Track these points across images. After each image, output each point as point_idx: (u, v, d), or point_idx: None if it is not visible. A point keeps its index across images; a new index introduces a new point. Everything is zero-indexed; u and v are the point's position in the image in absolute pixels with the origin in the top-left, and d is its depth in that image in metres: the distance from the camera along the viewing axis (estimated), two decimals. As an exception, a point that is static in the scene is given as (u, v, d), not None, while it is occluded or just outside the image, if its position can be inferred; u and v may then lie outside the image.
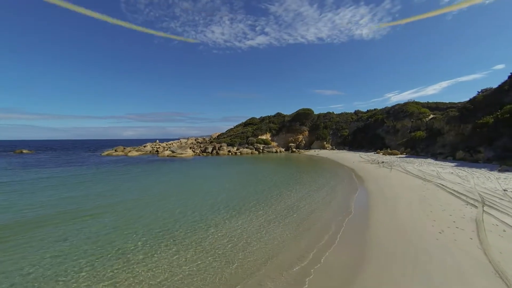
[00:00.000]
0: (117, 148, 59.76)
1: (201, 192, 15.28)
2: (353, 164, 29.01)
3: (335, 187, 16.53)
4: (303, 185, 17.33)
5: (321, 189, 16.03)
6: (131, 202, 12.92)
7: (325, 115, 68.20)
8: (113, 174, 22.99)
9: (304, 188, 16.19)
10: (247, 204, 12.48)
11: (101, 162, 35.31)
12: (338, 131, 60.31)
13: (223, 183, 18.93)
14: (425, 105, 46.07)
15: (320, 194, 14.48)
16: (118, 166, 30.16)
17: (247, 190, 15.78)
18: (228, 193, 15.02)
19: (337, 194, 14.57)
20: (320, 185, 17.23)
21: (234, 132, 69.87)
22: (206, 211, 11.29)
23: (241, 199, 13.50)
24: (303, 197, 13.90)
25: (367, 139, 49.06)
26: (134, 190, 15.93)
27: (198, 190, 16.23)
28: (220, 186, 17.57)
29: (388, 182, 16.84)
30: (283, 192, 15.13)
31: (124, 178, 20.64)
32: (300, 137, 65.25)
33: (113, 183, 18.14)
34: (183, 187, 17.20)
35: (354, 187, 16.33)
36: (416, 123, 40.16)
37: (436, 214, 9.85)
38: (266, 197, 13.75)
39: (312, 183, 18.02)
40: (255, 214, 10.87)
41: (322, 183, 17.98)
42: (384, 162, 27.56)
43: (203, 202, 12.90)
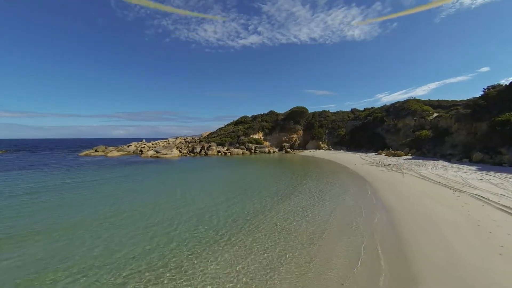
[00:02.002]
0: (97, 148, 55.19)
1: (173, 214, 11.51)
2: (355, 167, 25.75)
3: (347, 203, 13.06)
4: (307, 201, 13.80)
5: (333, 208, 12.52)
6: (58, 231, 9.02)
7: (320, 113, 65.13)
8: (74, 179, 18.88)
9: (313, 210, 12.63)
10: (234, 236, 8.82)
11: (71, 164, 30.90)
12: (334, 130, 57.29)
13: (203, 196, 15.20)
14: (427, 102, 43.49)
15: (337, 217, 10.97)
16: (87, 170, 25.95)
17: (231, 210, 12.09)
18: (203, 217, 11.31)
19: (353, 215, 11.07)
20: (329, 199, 13.73)
21: (224, 131, 66.01)
22: (174, 248, 7.56)
23: (225, 227, 9.84)
24: (313, 222, 10.35)
25: (366, 138, 46.11)
26: (74, 209, 12.01)
27: (170, 209, 12.45)
28: (198, 200, 13.82)
29: (408, 192, 13.50)
30: (283, 215, 11.54)
31: (80, 188, 16.60)
32: (294, 136, 61.98)
33: (59, 197, 14.13)
34: (149, 205, 13.34)
35: (369, 202, 12.89)
36: (419, 121, 37.37)
37: (509, 247, 6.49)
38: (257, 228, 9.54)
39: (318, 198, 14.50)
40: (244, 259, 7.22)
41: (331, 195, 14.50)
42: (391, 165, 24.40)
43: (172, 234, 9.15)
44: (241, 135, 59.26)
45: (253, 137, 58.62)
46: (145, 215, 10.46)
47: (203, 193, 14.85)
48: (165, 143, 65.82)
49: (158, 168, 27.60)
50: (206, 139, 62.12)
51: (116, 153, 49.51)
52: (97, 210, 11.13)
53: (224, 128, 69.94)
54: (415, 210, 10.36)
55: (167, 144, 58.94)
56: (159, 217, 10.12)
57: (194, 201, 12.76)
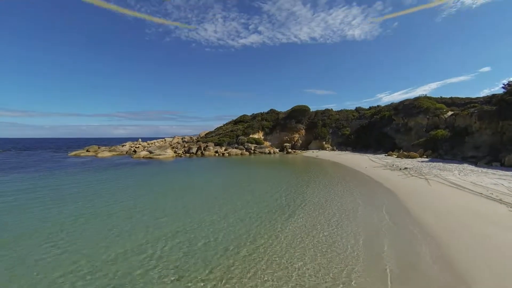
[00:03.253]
0: (89, 148, 52.64)
1: (146, 238, 8.68)
2: (367, 170, 22.89)
3: (374, 224, 10.20)
4: (321, 222, 10.97)
5: (354, 234, 9.66)
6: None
7: (323, 112, 62.19)
8: (37, 189, 16.06)
9: (331, 238, 9.76)
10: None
11: (52, 167, 28.08)
12: (338, 129, 54.37)
13: (194, 209, 12.36)
14: (439, 100, 40.55)
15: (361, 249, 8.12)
16: (64, 174, 23.16)
17: (230, 234, 9.25)
18: (191, 243, 8.48)
19: (389, 250, 8.20)
20: (349, 217, 10.89)
21: (223, 130, 63.15)
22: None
23: (222, 264, 7.00)
24: (334, 260, 7.49)
25: (373, 138, 43.19)
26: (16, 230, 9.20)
27: (143, 231, 9.61)
28: (190, 215, 10.98)
29: (445, 207, 10.63)
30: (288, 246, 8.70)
31: (32, 202, 13.78)
32: (296, 136, 59.11)
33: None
34: (123, 225, 10.49)
35: (402, 222, 10.02)
36: (432, 120, 34.45)
37: None
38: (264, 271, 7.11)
39: (334, 214, 11.65)
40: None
41: (350, 211, 11.65)
42: (408, 168, 21.53)
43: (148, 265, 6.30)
44: (240, 134, 56.43)
45: (253, 137, 55.80)
46: (102, 237, 7.62)
47: (195, 206, 12.00)
48: (161, 142, 63.05)
49: (144, 172, 24.76)
50: (204, 139, 59.30)
51: (107, 154, 46.75)
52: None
53: (222, 127, 67.07)
54: (468, 237, 7.50)
55: (164, 143, 56.12)
56: (126, 246, 7.28)
57: (186, 216, 9.92)
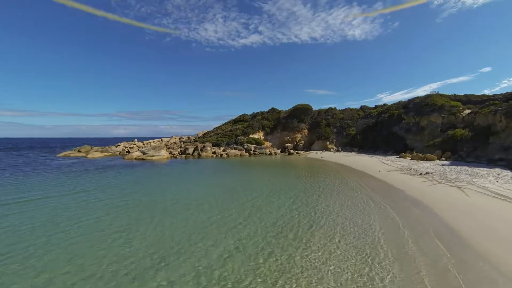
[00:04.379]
0: (81, 148, 50.15)
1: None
2: (381, 175, 20.08)
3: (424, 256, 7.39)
4: (345, 252, 8.17)
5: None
6: None
7: (326, 111, 59.38)
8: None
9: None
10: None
11: (31, 170, 25.33)
12: (343, 129, 51.53)
13: (184, 235, 9.57)
14: (453, 97, 37.73)
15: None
16: (38, 179, 20.43)
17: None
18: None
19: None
20: (385, 247, 8.10)
21: (222, 130, 60.41)
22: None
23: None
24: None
25: (382, 139, 40.37)
26: None
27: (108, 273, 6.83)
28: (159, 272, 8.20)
29: (507, 230, 7.85)
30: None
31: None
32: (298, 136, 56.32)
33: None
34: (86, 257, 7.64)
35: (477, 269, 7.22)
36: (448, 119, 31.62)
37: None
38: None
39: (360, 240, 8.84)
40: None
41: (385, 236, 8.85)
42: (430, 173, 18.73)
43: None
44: (239, 134, 53.67)
45: (253, 137, 53.01)
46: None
47: (180, 239, 9.22)
48: (157, 142, 60.35)
49: (127, 178, 21.97)
50: (201, 139, 56.57)
51: (98, 154, 44.01)
52: None
53: (221, 127, 64.30)
54: None
55: (157, 144, 53.36)
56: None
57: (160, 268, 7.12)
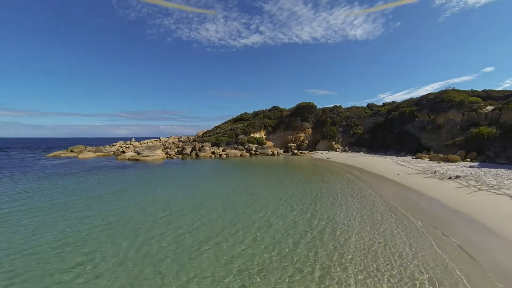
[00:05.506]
0: (74, 148, 47.98)
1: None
2: (402, 179, 17.31)
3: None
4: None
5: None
6: None
7: (331, 109, 56.57)
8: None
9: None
10: None
11: (13, 172, 22.79)
12: (349, 128, 48.72)
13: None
14: (471, 93, 34.81)
15: None
16: (11, 184, 17.90)
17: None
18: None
19: None
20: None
21: (221, 129, 57.82)
22: None
23: None
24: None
25: (393, 138, 37.53)
26: None
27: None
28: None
29: None
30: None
31: None
32: (302, 135, 53.56)
33: None
34: None
35: None
36: (469, 115, 28.75)
37: None
38: None
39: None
40: None
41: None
42: (461, 177, 15.95)
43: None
44: (240, 133, 51.04)
45: (254, 136, 50.35)
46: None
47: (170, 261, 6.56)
48: (155, 142, 57.88)
49: (114, 180, 19.35)
50: (200, 138, 54.02)
51: (91, 155, 41.55)
52: None
53: (221, 126, 61.71)
54: None
55: (153, 144, 50.82)
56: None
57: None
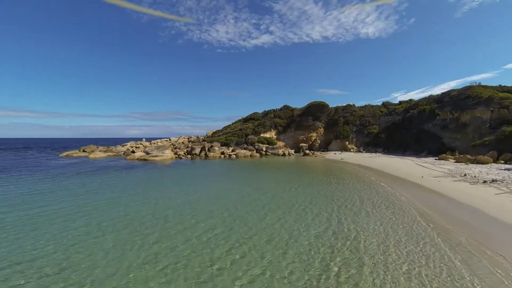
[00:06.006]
0: (86, 148, 48.64)
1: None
2: (425, 182, 15.61)
3: None
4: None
5: None
6: None
7: (344, 108, 54.58)
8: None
9: None
10: None
11: (23, 171, 22.76)
12: (363, 127, 46.62)
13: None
14: (499, 88, 32.05)
15: None
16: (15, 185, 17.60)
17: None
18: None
19: None
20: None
21: (231, 129, 56.97)
22: None
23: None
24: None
25: (411, 138, 35.32)
26: None
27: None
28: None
29: None
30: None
31: None
32: (314, 135, 51.87)
33: None
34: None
35: None
36: (499, 113, 26.38)
37: None
38: None
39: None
40: None
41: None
42: (498, 181, 14.14)
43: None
44: (249, 133, 49.98)
45: (264, 136, 49.16)
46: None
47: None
48: (164, 142, 57.87)
49: (115, 185, 18.70)
50: (210, 138, 53.36)
51: (101, 154, 41.82)
52: None
53: (231, 125, 60.90)
54: None
55: (162, 144, 50.62)
56: None
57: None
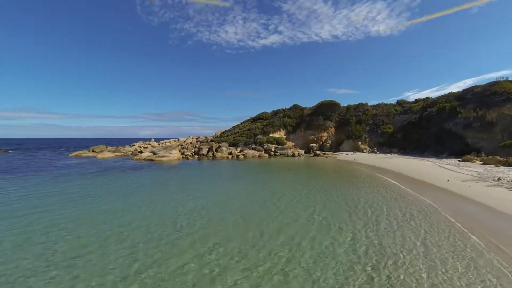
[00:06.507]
0: (95, 148, 48.91)
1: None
2: (453, 186, 13.92)
3: None
4: None
5: None
6: None
7: (356, 106, 52.55)
8: None
9: None
10: None
11: (30, 171, 22.53)
12: (377, 127, 44.52)
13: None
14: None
15: None
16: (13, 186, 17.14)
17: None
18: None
19: None
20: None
21: (239, 129, 56.03)
22: None
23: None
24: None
25: (430, 138, 33.16)
26: None
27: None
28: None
29: None
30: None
31: None
32: (324, 135, 50.11)
33: None
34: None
35: None
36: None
37: None
38: None
39: None
40: None
41: None
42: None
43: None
44: (258, 133, 48.85)
45: (273, 136, 47.90)
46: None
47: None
48: (172, 142, 57.60)
49: (116, 187, 17.93)
50: (218, 139, 52.58)
51: (109, 155, 41.78)
52: None
53: (239, 125, 59.96)
54: None
55: (170, 144, 50.18)
56: None
57: None
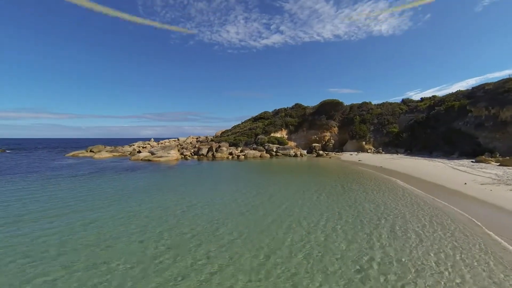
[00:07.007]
0: (93, 148, 47.83)
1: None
2: (474, 191, 12.67)
3: None
4: None
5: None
6: None
7: (360, 105, 51.18)
8: None
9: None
10: None
11: (21, 172, 21.48)
12: (382, 126, 43.17)
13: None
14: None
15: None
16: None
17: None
18: None
19: None
20: None
21: (240, 128, 54.85)
22: None
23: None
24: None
25: (438, 137, 31.80)
26: None
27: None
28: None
29: None
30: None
31: None
32: (327, 135, 48.82)
33: None
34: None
35: None
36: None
37: None
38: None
39: None
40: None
41: None
42: None
43: None
44: (259, 133, 47.64)
45: (275, 136, 46.66)
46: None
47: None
48: (172, 142, 56.51)
49: (106, 190, 16.80)
50: (218, 138, 51.43)
51: (106, 155, 40.85)
52: None
53: (240, 125, 58.78)
54: None
55: (169, 143, 49.06)
56: None
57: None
